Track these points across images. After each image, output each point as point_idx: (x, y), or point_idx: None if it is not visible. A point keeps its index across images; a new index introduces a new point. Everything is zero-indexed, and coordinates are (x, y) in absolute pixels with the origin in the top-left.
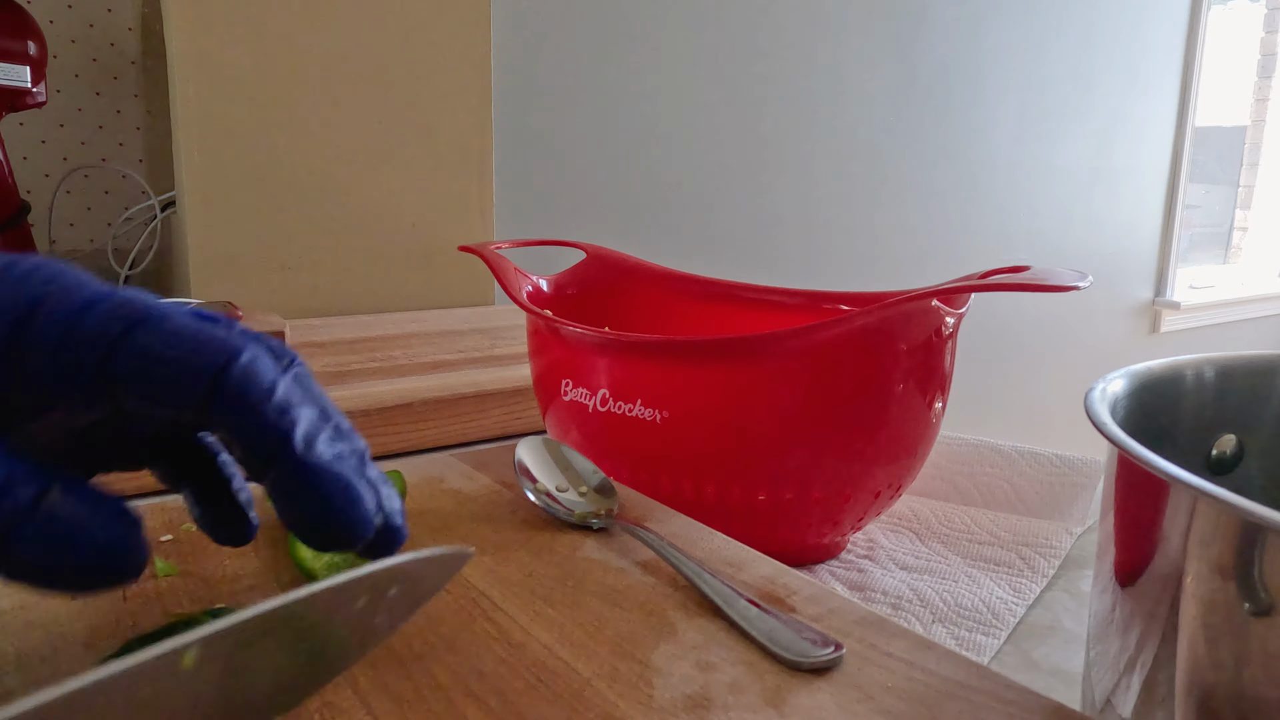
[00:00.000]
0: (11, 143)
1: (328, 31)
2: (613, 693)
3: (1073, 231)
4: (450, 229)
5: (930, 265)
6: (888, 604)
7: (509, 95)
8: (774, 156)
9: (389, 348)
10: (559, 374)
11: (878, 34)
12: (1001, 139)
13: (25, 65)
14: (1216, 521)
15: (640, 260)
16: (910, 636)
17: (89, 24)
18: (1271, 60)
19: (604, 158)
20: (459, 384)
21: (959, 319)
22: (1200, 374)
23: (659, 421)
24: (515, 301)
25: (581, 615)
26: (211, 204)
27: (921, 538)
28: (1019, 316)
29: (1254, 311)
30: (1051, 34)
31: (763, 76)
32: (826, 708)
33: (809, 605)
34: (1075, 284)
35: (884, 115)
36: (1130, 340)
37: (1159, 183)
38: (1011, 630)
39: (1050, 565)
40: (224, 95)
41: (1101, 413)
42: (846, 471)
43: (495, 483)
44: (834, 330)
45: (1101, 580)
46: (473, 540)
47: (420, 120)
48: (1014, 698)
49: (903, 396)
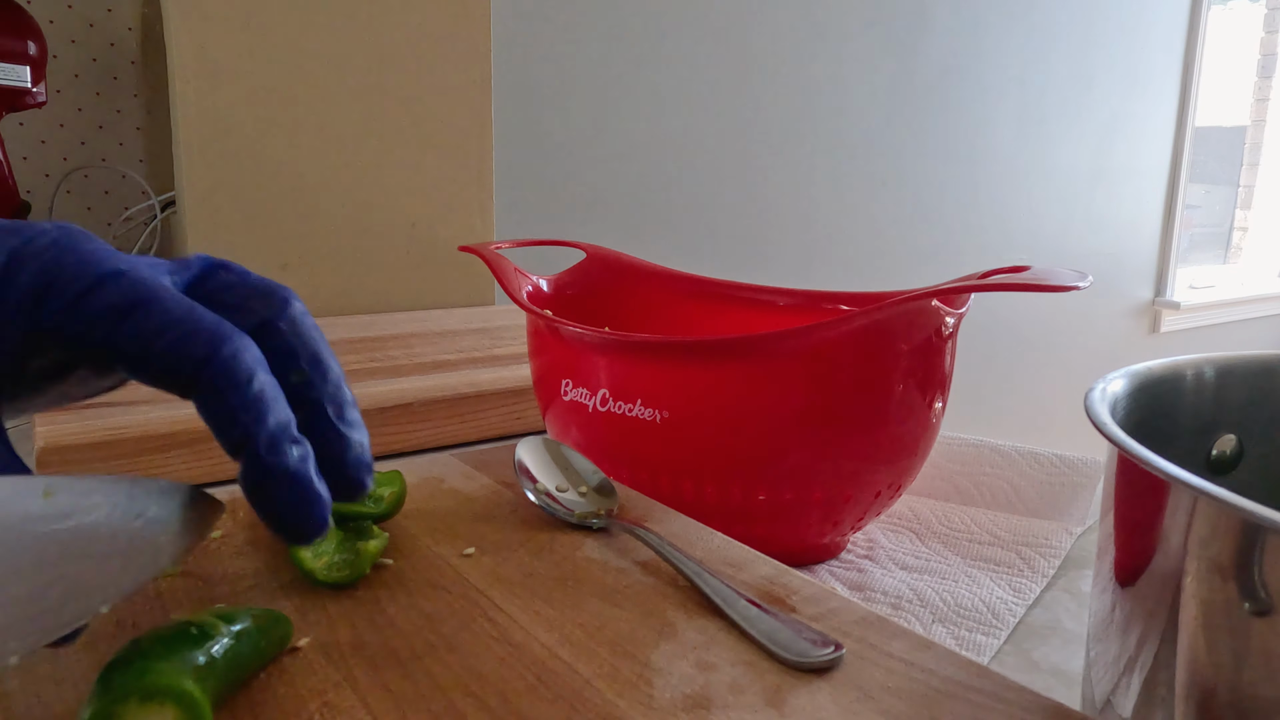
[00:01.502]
0: (11, 143)
1: (328, 31)
2: (613, 693)
3: (1073, 231)
4: (450, 229)
5: (930, 265)
6: (888, 604)
7: (509, 95)
8: (774, 156)
9: (389, 348)
10: (559, 374)
11: (878, 34)
12: (1001, 139)
13: (25, 65)
14: (1216, 521)
15: (640, 260)
16: (910, 636)
17: (89, 24)
18: (1271, 60)
19: (604, 158)
20: (459, 384)
21: (959, 319)
22: (1200, 374)
23: (659, 421)
24: (515, 301)
25: (581, 615)
26: (211, 204)
27: (921, 538)
28: (1019, 316)
29: (1254, 311)
30: (1051, 34)
31: (763, 76)
32: (826, 708)
33: (809, 605)
34: (1075, 284)
35: (884, 115)
36: (1130, 340)
37: (1159, 183)
38: (1011, 630)
39: (1050, 565)
40: (224, 95)
41: (1101, 413)
42: (846, 471)
43: (495, 483)
44: (834, 330)
45: (1101, 580)
46: (473, 540)
47: (420, 120)
48: (1014, 698)
49: (903, 396)
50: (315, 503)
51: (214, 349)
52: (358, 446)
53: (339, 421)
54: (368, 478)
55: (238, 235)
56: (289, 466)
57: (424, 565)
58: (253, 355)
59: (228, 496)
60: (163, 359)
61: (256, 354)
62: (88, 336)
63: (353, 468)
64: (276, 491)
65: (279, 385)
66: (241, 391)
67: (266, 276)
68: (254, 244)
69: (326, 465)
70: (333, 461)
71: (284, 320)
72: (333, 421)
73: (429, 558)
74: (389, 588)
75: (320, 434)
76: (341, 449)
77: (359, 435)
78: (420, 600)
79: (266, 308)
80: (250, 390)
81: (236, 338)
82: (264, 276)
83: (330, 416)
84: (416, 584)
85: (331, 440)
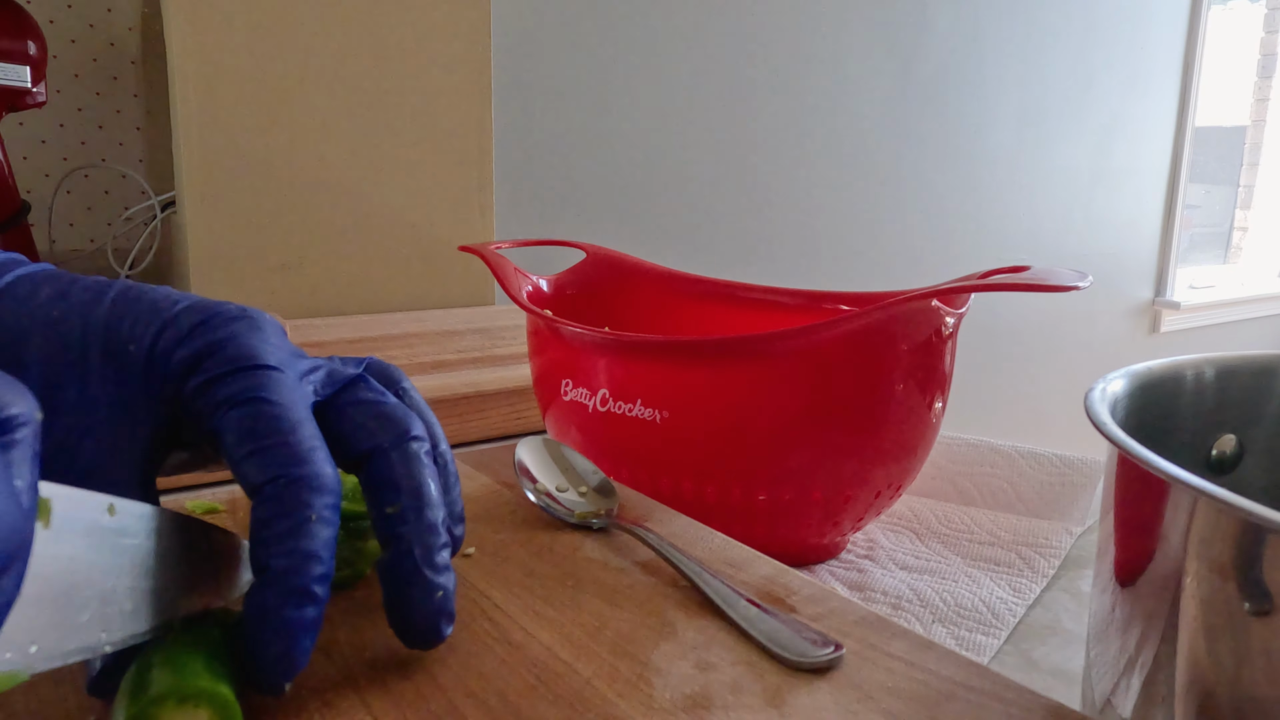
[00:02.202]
0: (11, 143)
1: (328, 31)
2: (613, 693)
3: (1073, 231)
4: (450, 229)
5: (930, 265)
6: (888, 604)
7: (509, 95)
8: (774, 156)
9: (389, 348)
10: (559, 374)
11: (878, 34)
12: (1001, 139)
13: (25, 65)
14: (1216, 521)
15: (640, 260)
16: (910, 636)
17: (89, 24)
18: (1271, 60)
19: (604, 158)
20: (459, 384)
21: (959, 319)
22: (1200, 374)
23: (659, 421)
24: (515, 301)
25: (581, 615)
26: (211, 204)
27: (921, 538)
28: (1019, 316)
29: (1254, 311)
30: (1051, 34)
31: (762, 76)
32: (826, 708)
33: (809, 605)
34: (1075, 284)
35: (884, 115)
36: (1130, 340)
37: (1159, 183)
38: (1011, 630)
39: (1050, 565)
40: (224, 95)
41: (1101, 413)
42: (846, 471)
43: (495, 483)
44: (834, 330)
45: (1101, 580)
46: (472, 540)
47: (420, 120)
48: (1014, 698)
49: (903, 396)
50: (292, 664)
51: (285, 470)
52: (438, 592)
53: (424, 564)
54: (446, 627)
55: (238, 235)
56: (286, 618)
57: None
58: (321, 502)
59: (227, 496)
60: (246, 461)
61: (329, 499)
62: (204, 417)
63: (428, 615)
64: (261, 633)
65: (334, 532)
66: (286, 520)
67: (267, 277)
68: (254, 244)
69: (402, 606)
70: (409, 604)
71: (397, 450)
72: (417, 562)
73: None
74: None
75: (402, 573)
76: (420, 593)
77: (443, 580)
78: None
79: (385, 434)
80: (295, 518)
81: (315, 466)
82: (402, 404)
83: (415, 556)
84: None
85: (411, 581)
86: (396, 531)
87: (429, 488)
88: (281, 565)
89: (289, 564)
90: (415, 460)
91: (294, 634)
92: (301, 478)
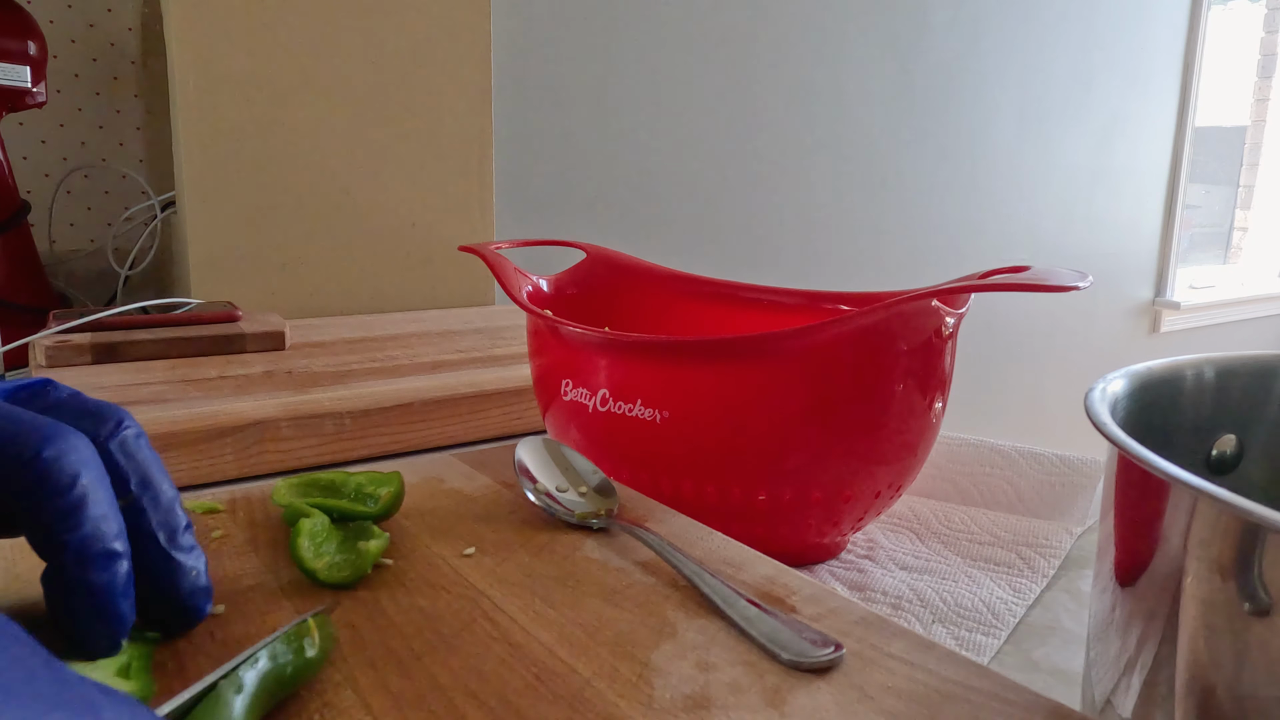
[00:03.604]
0: (11, 143)
1: (328, 32)
2: (613, 693)
3: (1073, 231)
4: (450, 229)
5: (930, 265)
6: (888, 604)
7: (509, 95)
8: (774, 156)
9: (389, 348)
10: (559, 374)
11: (878, 34)
12: (1001, 139)
13: (25, 65)
14: (1216, 521)
15: (640, 260)
16: (910, 636)
17: (89, 24)
18: (1271, 60)
19: (604, 158)
20: (459, 384)
21: (959, 319)
22: (1200, 374)
23: (659, 421)
24: (515, 301)
25: (581, 615)
26: (211, 204)
27: (921, 538)
28: (1019, 316)
29: (1254, 311)
30: (1051, 34)
31: (762, 76)
32: (826, 708)
33: (809, 605)
34: (1075, 284)
35: (884, 115)
36: (1130, 340)
37: (1159, 183)
38: (1011, 630)
39: (1050, 565)
40: (224, 95)
41: (1101, 413)
42: (846, 471)
43: (495, 483)
44: (834, 330)
45: (1101, 580)
46: (472, 540)
47: (420, 120)
48: (1014, 698)
49: (903, 396)
50: (112, 621)
51: (38, 450)
52: (192, 572)
53: (170, 547)
54: (205, 604)
55: (238, 235)
56: (92, 582)
57: (424, 565)
58: (79, 457)
59: (227, 497)
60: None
61: (85, 455)
62: None
63: (188, 595)
64: (76, 604)
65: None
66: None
67: (267, 277)
68: (254, 244)
69: (161, 592)
70: (167, 588)
71: (114, 442)
72: (164, 547)
73: (429, 558)
74: (389, 588)
75: (151, 560)
76: (175, 576)
77: (193, 560)
78: (420, 600)
79: (96, 429)
80: (69, 497)
81: (65, 438)
82: (97, 399)
83: (161, 543)
84: (416, 584)
85: (163, 567)
86: (138, 523)
87: (156, 470)
88: (72, 544)
89: (77, 542)
90: (134, 446)
91: (108, 597)
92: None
